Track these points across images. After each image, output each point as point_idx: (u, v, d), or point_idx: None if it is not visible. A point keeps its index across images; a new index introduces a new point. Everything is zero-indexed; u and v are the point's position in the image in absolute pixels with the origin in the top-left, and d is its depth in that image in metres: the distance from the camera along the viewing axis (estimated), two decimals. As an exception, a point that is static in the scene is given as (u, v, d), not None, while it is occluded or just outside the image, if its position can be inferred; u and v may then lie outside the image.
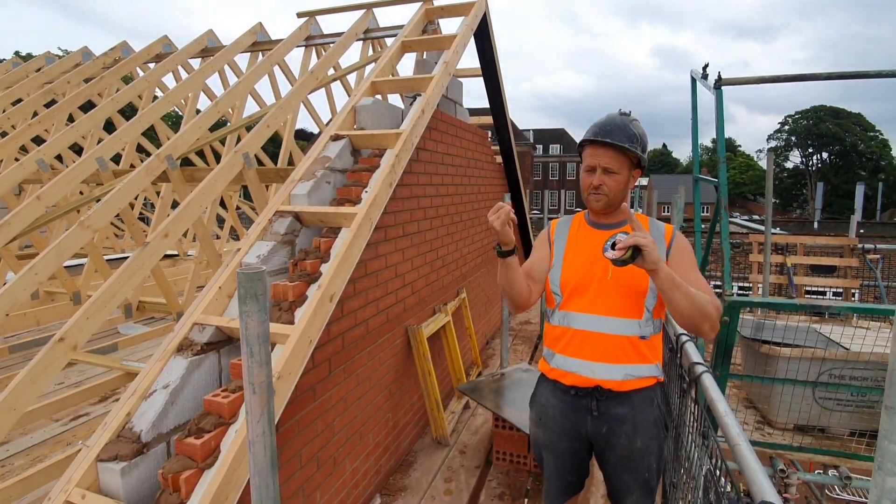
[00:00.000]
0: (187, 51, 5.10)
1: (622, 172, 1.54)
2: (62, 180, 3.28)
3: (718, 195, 2.87)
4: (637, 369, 1.54)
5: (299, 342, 1.75)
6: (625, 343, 1.53)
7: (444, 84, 3.14)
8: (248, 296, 0.85)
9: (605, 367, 1.53)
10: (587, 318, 1.55)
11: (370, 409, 2.66)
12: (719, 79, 3.10)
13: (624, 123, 1.53)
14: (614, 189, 1.54)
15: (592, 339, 1.55)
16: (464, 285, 4.32)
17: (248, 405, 0.89)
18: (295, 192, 2.41)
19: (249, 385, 0.88)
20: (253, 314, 0.86)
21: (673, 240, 1.58)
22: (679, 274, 1.45)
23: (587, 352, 1.55)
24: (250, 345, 0.87)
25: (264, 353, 0.89)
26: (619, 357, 1.53)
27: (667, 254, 1.55)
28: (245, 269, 0.86)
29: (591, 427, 1.58)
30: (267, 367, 0.90)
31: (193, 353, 1.81)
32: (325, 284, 1.91)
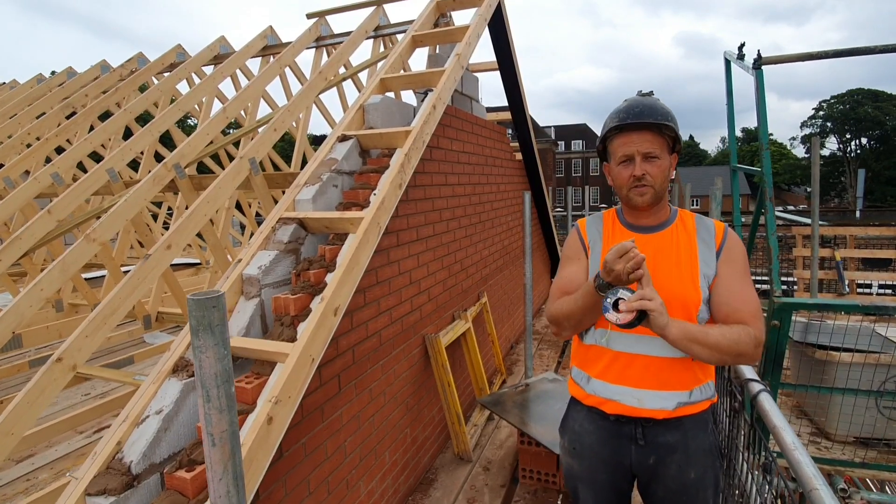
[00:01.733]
0: (200, 58, 5.07)
1: (664, 157, 1.31)
2: (72, 193, 3.23)
3: (762, 185, 2.60)
4: (691, 395, 1.33)
5: (299, 361, 1.59)
6: (676, 366, 1.31)
7: (457, 77, 2.95)
8: (201, 327, 0.69)
9: (655, 395, 1.32)
10: (630, 338, 1.33)
11: (386, 426, 2.50)
12: (759, 58, 2.81)
13: (652, 102, 1.32)
14: (659, 177, 1.31)
15: (638, 363, 1.33)
16: (484, 289, 4.13)
17: (207, 460, 0.73)
18: (299, 197, 2.27)
19: (208, 436, 0.72)
20: (208, 349, 0.70)
21: (724, 242, 1.34)
22: (722, 283, 1.30)
23: (632, 377, 1.34)
24: (206, 387, 0.71)
25: (225, 396, 0.72)
26: (670, 383, 1.32)
27: (716, 257, 1.33)
28: (195, 295, 0.70)
29: (636, 457, 1.36)
30: (230, 413, 0.73)
31: (189, 375, 1.67)
32: (328, 297, 1.75)
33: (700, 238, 1.34)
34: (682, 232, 1.35)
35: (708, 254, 1.32)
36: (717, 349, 1.20)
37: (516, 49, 4.67)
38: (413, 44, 3.50)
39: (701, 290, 1.29)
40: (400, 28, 4.29)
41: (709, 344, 1.20)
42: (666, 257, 1.32)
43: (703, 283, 1.29)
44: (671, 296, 1.28)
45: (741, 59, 3.17)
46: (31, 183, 3.65)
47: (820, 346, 2.63)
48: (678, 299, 1.29)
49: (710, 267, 1.30)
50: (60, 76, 6.43)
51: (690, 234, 1.34)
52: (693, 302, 1.29)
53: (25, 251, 3.05)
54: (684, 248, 1.33)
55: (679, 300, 1.29)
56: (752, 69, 2.83)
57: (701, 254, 1.32)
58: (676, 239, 1.34)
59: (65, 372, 2.01)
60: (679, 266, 1.31)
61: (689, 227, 1.36)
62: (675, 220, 1.38)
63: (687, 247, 1.33)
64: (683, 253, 1.32)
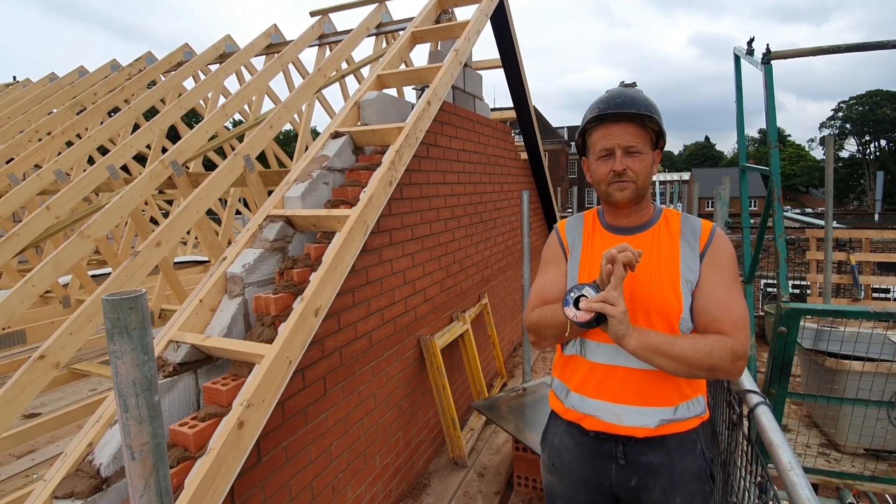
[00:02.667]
0: (205, 56, 5.08)
1: (646, 151, 1.22)
2: (72, 190, 3.24)
3: (771, 185, 2.48)
4: (676, 412, 1.22)
5: (275, 363, 1.54)
6: (657, 379, 1.20)
7: (454, 73, 2.88)
8: (116, 331, 0.64)
9: (635, 411, 1.21)
10: (607, 350, 1.23)
11: (376, 430, 2.44)
12: (768, 52, 2.70)
13: (635, 92, 1.22)
14: (642, 173, 1.21)
15: (616, 376, 1.23)
16: (486, 290, 4.05)
17: (128, 474, 0.67)
18: (288, 194, 2.22)
19: (128, 449, 0.66)
20: (124, 355, 0.64)
21: (709, 243, 1.22)
22: (704, 289, 1.20)
23: (610, 391, 1.24)
24: (123, 396, 0.65)
25: (145, 406, 0.67)
26: (651, 398, 1.21)
27: (700, 259, 1.21)
28: (111, 295, 0.64)
29: (617, 478, 1.26)
30: (151, 424, 0.67)
31: (165, 375, 1.63)
32: (308, 297, 1.70)
33: (684, 240, 1.23)
34: (664, 233, 1.25)
35: (691, 257, 1.21)
36: (685, 362, 1.11)
37: (527, 49, 4.60)
38: (413, 40, 3.44)
39: (682, 298, 1.18)
40: (402, 25, 4.24)
41: (674, 356, 1.11)
42: (646, 262, 1.22)
43: (685, 290, 1.19)
44: (651, 304, 1.20)
45: (751, 55, 3.05)
46: (34, 179, 3.67)
47: (830, 354, 2.50)
48: (658, 308, 1.19)
49: (694, 271, 1.20)
50: (72, 75, 6.50)
51: (674, 236, 1.24)
52: (674, 310, 1.18)
53: (23, 247, 3.05)
54: (666, 252, 1.23)
55: (659, 309, 1.19)
56: (761, 64, 2.72)
57: (684, 257, 1.21)
58: (658, 241, 1.24)
59: (47, 369, 1.99)
60: (660, 271, 1.21)
61: (672, 228, 1.25)
62: (658, 221, 1.28)
63: (669, 250, 1.23)
64: (665, 256, 1.22)
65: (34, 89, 6.63)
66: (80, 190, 3.29)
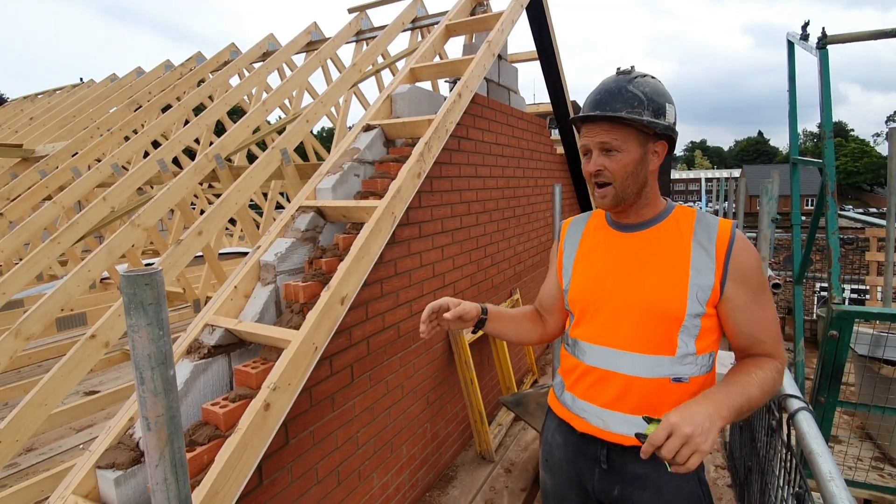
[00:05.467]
0: (250, 55, 5.26)
1: (629, 148, 1.10)
2: (126, 182, 3.44)
3: (824, 179, 2.32)
4: None
5: (301, 349, 1.58)
6: (650, 388, 1.10)
7: (487, 65, 2.86)
8: (133, 305, 0.67)
9: (622, 418, 1.13)
10: (599, 352, 1.17)
11: (403, 420, 2.47)
12: (823, 36, 2.52)
13: (618, 86, 1.10)
14: (619, 173, 1.10)
15: (607, 381, 1.15)
16: (518, 285, 4.01)
17: (145, 445, 0.71)
18: (320, 186, 2.27)
19: (143, 419, 0.70)
20: (141, 329, 0.67)
21: (730, 252, 1.07)
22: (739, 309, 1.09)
23: (601, 396, 1.16)
24: (140, 369, 0.69)
25: (160, 379, 0.70)
26: (640, 406, 1.11)
27: (724, 273, 1.07)
28: (129, 272, 0.67)
29: (599, 484, 1.19)
30: (166, 397, 0.71)
31: (200, 357, 1.71)
32: (334, 286, 1.73)
33: (696, 241, 1.10)
34: (672, 232, 1.14)
35: (705, 261, 1.09)
36: (761, 404, 1.05)
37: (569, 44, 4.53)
38: (447, 33, 3.43)
39: (688, 303, 1.07)
40: (437, 19, 4.24)
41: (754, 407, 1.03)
42: (645, 260, 1.14)
43: (693, 295, 1.07)
44: (645, 306, 1.11)
45: (805, 40, 2.86)
46: (94, 173, 3.92)
47: (887, 362, 2.32)
48: (654, 311, 1.10)
49: (706, 278, 1.07)
50: (130, 75, 6.91)
51: (684, 235, 1.12)
52: (674, 315, 1.08)
53: (81, 236, 3.28)
54: (671, 251, 1.12)
55: (655, 312, 1.10)
56: (816, 49, 2.54)
57: (695, 261, 1.09)
58: (662, 239, 1.14)
59: (98, 348, 2.12)
60: (660, 272, 1.11)
61: (682, 227, 1.14)
62: (665, 218, 1.17)
63: (676, 249, 1.11)
64: (670, 256, 1.11)
65: (97, 89, 7.09)
66: (133, 182, 3.49)
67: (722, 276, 1.07)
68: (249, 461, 1.42)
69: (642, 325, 1.12)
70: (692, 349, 1.09)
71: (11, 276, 2.83)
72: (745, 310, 1.08)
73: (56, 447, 3.56)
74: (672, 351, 1.10)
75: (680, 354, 1.09)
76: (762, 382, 1.02)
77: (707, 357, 1.13)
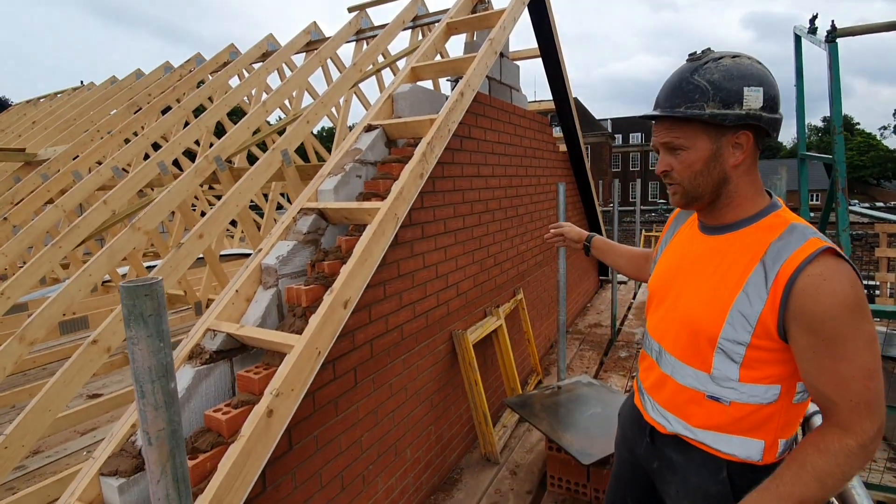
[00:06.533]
0: (249, 56, 5.24)
1: (695, 145, 1.01)
2: (126, 185, 3.43)
3: (834, 175, 2.28)
4: (696, 434, 1.09)
5: (304, 354, 1.56)
6: (684, 394, 1.10)
7: (489, 64, 2.82)
8: (132, 317, 0.65)
9: (657, 408, 1.20)
10: (652, 341, 1.23)
11: (407, 423, 2.45)
12: (833, 29, 2.48)
13: (681, 78, 1.01)
14: (684, 173, 1.03)
15: (652, 369, 1.23)
16: (521, 285, 3.98)
17: (146, 459, 0.69)
18: (322, 187, 2.25)
19: (144, 434, 0.68)
20: (140, 341, 0.65)
21: (790, 284, 0.90)
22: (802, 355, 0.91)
23: (646, 379, 1.26)
24: (140, 382, 0.66)
25: (161, 392, 0.68)
26: (671, 405, 1.15)
27: (780, 307, 0.91)
28: (129, 282, 0.65)
29: (644, 452, 1.28)
30: (167, 411, 0.68)
31: (202, 362, 1.69)
32: (337, 289, 1.71)
33: (764, 260, 0.95)
34: (746, 243, 1.00)
35: (759, 287, 0.94)
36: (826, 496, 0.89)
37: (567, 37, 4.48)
38: (448, 31, 3.40)
39: (724, 327, 0.98)
40: (438, 17, 4.21)
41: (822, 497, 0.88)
42: (704, 267, 1.06)
43: (732, 320, 0.97)
44: (684, 316, 1.07)
45: (813, 34, 2.82)
46: (94, 176, 3.91)
47: (900, 361, 2.29)
48: (690, 323, 1.05)
49: (755, 305, 0.94)
50: (130, 77, 6.89)
51: (755, 251, 0.98)
52: (707, 335, 1.01)
53: (83, 239, 3.26)
54: (732, 265, 1.00)
55: (690, 325, 1.05)
56: (825, 43, 2.50)
57: (749, 283, 0.96)
58: (731, 248, 1.03)
59: (100, 353, 2.11)
60: (709, 284, 1.03)
61: (760, 240, 0.98)
62: (749, 226, 1.02)
63: (737, 264, 1.00)
64: (727, 270, 1.01)
65: (97, 92, 7.08)
66: (134, 185, 3.47)
67: (778, 311, 0.91)
68: (253, 468, 1.40)
69: (679, 333, 1.10)
70: (733, 375, 1.00)
71: (15, 280, 2.82)
72: (810, 358, 0.90)
73: (62, 450, 3.56)
74: (707, 369, 1.04)
75: (717, 376, 1.02)
76: (821, 475, 0.87)
77: (760, 388, 0.99)
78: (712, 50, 1.04)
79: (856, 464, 0.87)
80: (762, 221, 1.01)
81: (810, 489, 0.87)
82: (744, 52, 1.03)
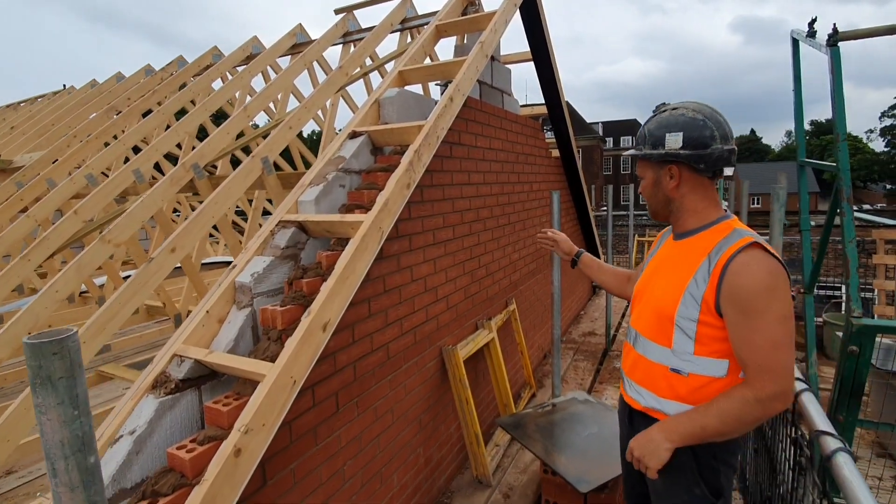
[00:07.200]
0: (233, 58, 5.09)
1: (646, 175, 1.40)
2: (99, 194, 3.26)
3: (838, 184, 2.19)
4: (663, 404, 1.32)
5: (277, 384, 1.43)
6: (653, 369, 1.35)
7: (479, 67, 2.72)
8: (39, 381, 0.52)
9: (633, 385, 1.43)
10: (631, 331, 1.48)
11: (394, 447, 2.31)
12: (835, 33, 2.41)
13: (641, 128, 1.41)
14: (645, 194, 1.43)
15: (628, 352, 1.48)
16: (514, 295, 3.87)
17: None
18: (302, 198, 2.12)
19: (51, 524, 0.54)
20: (49, 410, 0.52)
21: (724, 271, 1.18)
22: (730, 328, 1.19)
23: (625, 363, 1.50)
24: (51, 459, 0.53)
25: (77, 470, 0.54)
26: (645, 381, 1.39)
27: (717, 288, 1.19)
28: (32, 338, 0.52)
29: (625, 441, 1.44)
30: (86, 491, 0.55)
31: (166, 392, 1.55)
32: (315, 310, 1.58)
33: (710, 254, 1.24)
34: (701, 243, 1.29)
35: (704, 271, 1.23)
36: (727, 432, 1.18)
37: (557, 40, 4.37)
38: (437, 34, 3.29)
39: (679, 306, 1.26)
40: (428, 20, 4.10)
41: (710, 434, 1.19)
42: (667, 267, 1.37)
43: (685, 298, 1.25)
44: (653, 304, 1.36)
45: (812, 37, 2.74)
46: (68, 184, 3.73)
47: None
48: (656, 308, 1.34)
49: (700, 288, 1.22)
50: (110, 81, 6.70)
51: (706, 248, 1.26)
52: (667, 313, 1.29)
53: (53, 252, 3.09)
54: (689, 260, 1.29)
55: (656, 309, 1.33)
56: (826, 47, 2.42)
57: (699, 270, 1.24)
58: (690, 248, 1.31)
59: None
60: (672, 275, 1.32)
61: (710, 240, 1.27)
62: (704, 231, 1.31)
63: (692, 259, 1.28)
64: (686, 264, 1.29)
65: (77, 95, 6.87)
66: (107, 194, 3.31)
67: (715, 290, 1.19)
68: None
69: (650, 317, 1.37)
70: (689, 349, 1.26)
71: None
72: (733, 328, 1.17)
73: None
74: (669, 344, 1.30)
75: (677, 349, 1.28)
76: (722, 412, 1.16)
77: (712, 361, 1.24)
78: (667, 104, 1.38)
79: (750, 410, 1.13)
80: (714, 227, 1.30)
81: (711, 420, 1.17)
82: (691, 103, 1.32)
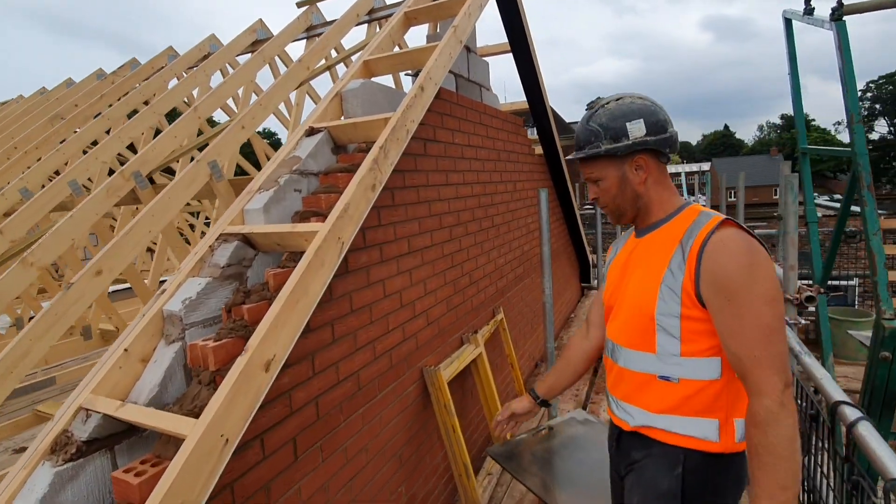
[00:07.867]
0: (189, 58, 4.71)
1: (606, 175, 1.24)
2: (28, 210, 2.88)
3: (857, 170, 1.96)
4: (656, 420, 1.17)
5: (201, 446, 1.10)
6: (638, 380, 1.21)
7: (453, 54, 2.43)
8: None
9: (620, 404, 1.28)
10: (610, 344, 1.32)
11: (370, 489, 1.99)
12: (840, 6, 2.17)
13: (583, 126, 1.25)
14: (606, 197, 1.27)
15: (610, 368, 1.32)
16: (501, 303, 3.58)
17: None
18: (249, 206, 1.79)
19: None
20: None
21: (700, 254, 1.07)
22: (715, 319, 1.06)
23: (608, 380, 1.34)
24: None
25: None
26: (633, 397, 1.24)
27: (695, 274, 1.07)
28: None
29: (614, 462, 1.37)
30: None
31: (66, 459, 1.21)
32: (254, 346, 1.25)
33: (682, 241, 1.13)
34: (666, 235, 1.19)
35: (679, 260, 1.11)
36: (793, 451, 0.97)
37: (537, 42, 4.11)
38: (406, 21, 3.00)
39: (657, 302, 1.13)
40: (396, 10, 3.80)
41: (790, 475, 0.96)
42: (636, 266, 1.25)
43: (663, 293, 1.12)
44: (629, 303, 1.22)
45: (810, 14, 2.52)
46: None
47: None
48: (632, 310, 1.21)
49: (677, 277, 1.10)
50: (60, 87, 6.24)
51: (675, 236, 1.16)
52: (646, 313, 1.16)
53: (-28, 276, 2.69)
54: (659, 252, 1.18)
55: (632, 311, 1.21)
56: (830, 22, 2.19)
57: (672, 260, 1.12)
58: (658, 241, 1.20)
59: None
60: (644, 271, 1.20)
61: (677, 229, 1.17)
62: (670, 220, 1.21)
63: (663, 250, 1.17)
64: (656, 257, 1.18)
65: (24, 104, 6.40)
66: (39, 209, 2.92)
67: (694, 276, 1.08)
68: None
69: (627, 322, 1.24)
70: (675, 350, 1.13)
71: None
72: (721, 318, 1.05)
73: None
74: (652, 349, 1.17)
75: (662, 353, 1.16)
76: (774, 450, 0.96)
77: (702, 361, 1.11)
78: (602, 98, 1.26)
79: (784, 420, 0.97)
80: (680, 215, 1.20)
81: (779, 468, 0.95)
82: (627, 93, 1.24)
